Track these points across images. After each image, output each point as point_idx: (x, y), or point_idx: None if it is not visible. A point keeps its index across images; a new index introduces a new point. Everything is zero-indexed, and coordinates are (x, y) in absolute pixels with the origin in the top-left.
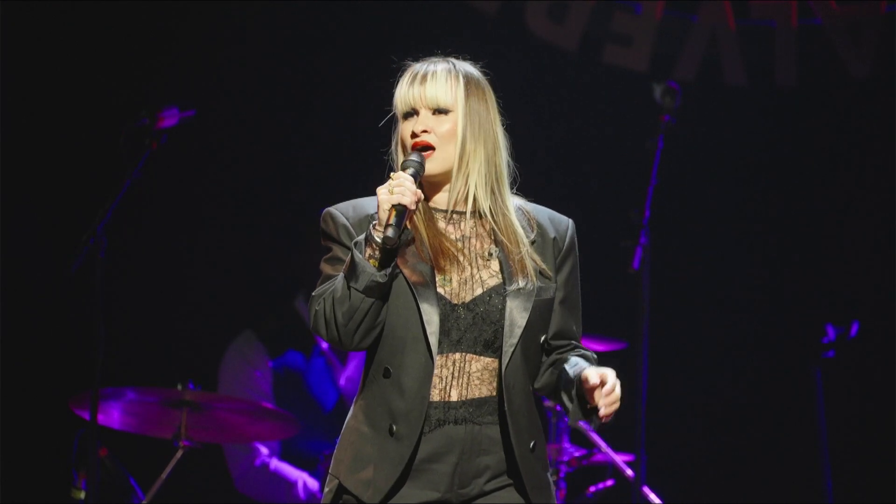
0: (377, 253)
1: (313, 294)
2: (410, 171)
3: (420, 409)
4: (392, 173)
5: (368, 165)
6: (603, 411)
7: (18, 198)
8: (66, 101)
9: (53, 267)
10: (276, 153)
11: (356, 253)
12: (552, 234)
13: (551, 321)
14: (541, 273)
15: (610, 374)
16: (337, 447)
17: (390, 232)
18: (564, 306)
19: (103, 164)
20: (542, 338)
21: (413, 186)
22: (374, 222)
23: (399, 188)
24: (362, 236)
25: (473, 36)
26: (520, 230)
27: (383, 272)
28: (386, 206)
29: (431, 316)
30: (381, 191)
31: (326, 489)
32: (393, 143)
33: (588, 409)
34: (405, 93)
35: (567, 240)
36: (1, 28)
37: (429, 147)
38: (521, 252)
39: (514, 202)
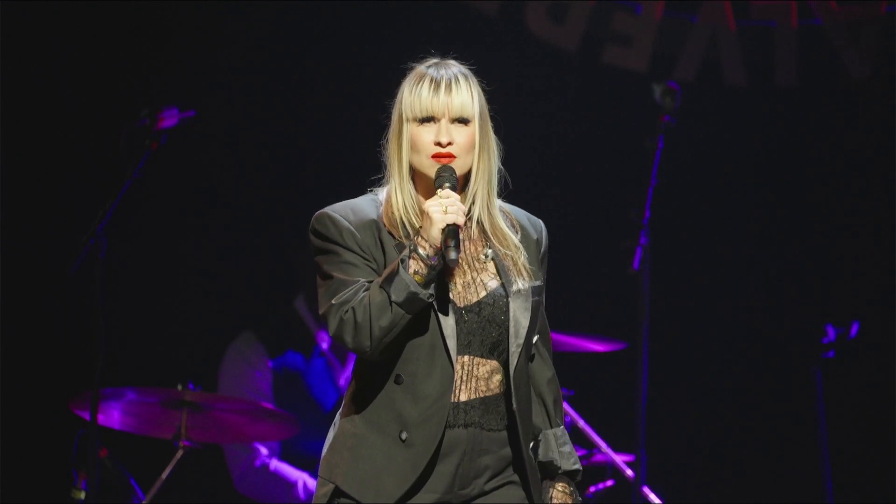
0: (424, 269)
1: (334, 301)
2: (448, 185)
3: (441, 416)
4: (439, 190)
5: (368, 165)
6: None
7: (19, 198)
8: (66, 101)
9: (53, 267)
10: (277, 153)
11: (403, 269)
12: (534, 235)
13: None
14: (532, 273)
15: None
16: (328, 451)
17: (453, 254)
18: (542, 306)
19: (103, 164)
20: (535, 338)
21: (462, 205)
22: (416, 237)
23: (452, 207)
24: (406, 251)
25: (473, 36)
26: (508, 232)
27: (429, 291)
28: (441, 226)
29: (448, 322)
30: (434, 209)
31: (319, 493)
32: (393, 140)
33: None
34: (427, 100)
35: (545, 240)
36: (1, 28)
37: (450, 157)
38: (513, 253)
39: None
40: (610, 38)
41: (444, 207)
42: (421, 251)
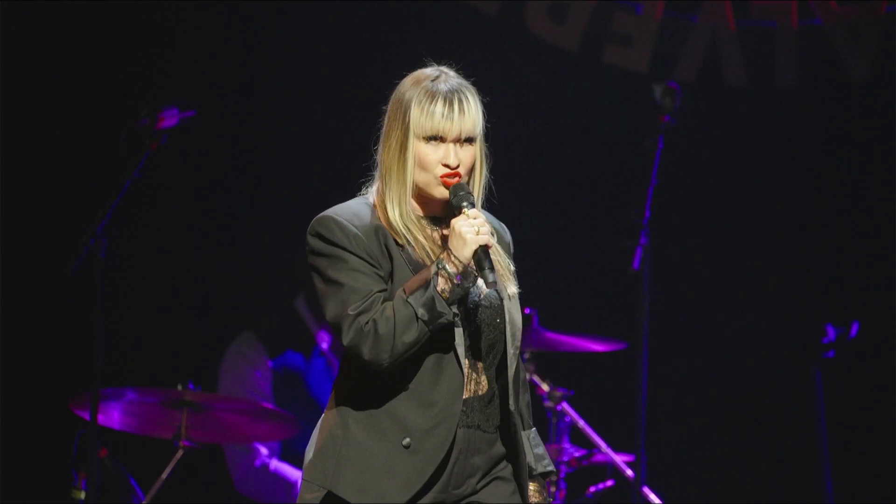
0: (449, 288)
1: (350, 311)
2: (466, 204)
3: (451, 422)
4: (468, 210)
5: (368, 165)
6: None
7: (18, 197)
8: (67, 101)
9: (53, 267)
10: (277, 153)
11: (434, 287)
12: (507, 238)
13: None
14: (514, 276)
15: None
16: (316, 457)
17: (491, 277)
18: None
19: (103, 164)
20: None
21: (489, 227)
22: (443, 254)
23: (483, 228)
24: (433, 268)
25: (473, 36)
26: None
27: (453, 310)
28: (474, 247)
29: (458, 328)
30: (466, 230)
31: (306, 497)
32: (394, 151)
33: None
34: (440, 122)
35: (512, 244)
36: (1, 28)
37: (457, 175)
38: (500, 258)
39: None
40: (610, 38)
41: (477, 229)
42: (450, 268)
